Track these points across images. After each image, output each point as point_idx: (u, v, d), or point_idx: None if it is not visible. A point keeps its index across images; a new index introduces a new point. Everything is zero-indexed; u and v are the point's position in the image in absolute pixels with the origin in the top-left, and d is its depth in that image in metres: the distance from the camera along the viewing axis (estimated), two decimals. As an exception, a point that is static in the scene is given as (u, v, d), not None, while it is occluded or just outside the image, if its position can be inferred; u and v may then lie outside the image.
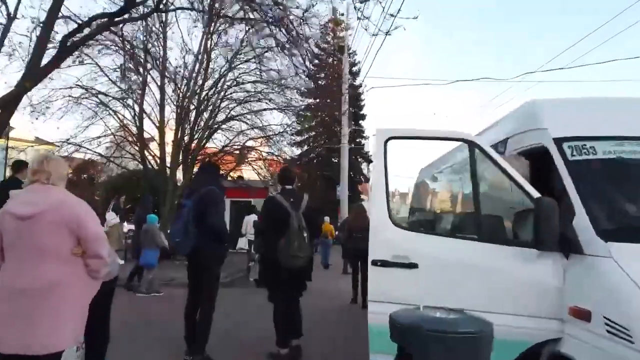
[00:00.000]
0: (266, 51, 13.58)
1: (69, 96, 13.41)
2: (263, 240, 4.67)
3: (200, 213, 4.18)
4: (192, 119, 14.45)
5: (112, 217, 10.81)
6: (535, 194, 2.56)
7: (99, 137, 14.34)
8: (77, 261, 2.64)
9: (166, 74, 13.40)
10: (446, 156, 4.01)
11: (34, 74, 7.25)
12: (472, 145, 2.71)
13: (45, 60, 7.65)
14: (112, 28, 8.73)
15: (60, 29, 8.29)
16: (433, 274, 2.66)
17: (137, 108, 14.55)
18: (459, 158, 3.20)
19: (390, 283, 2.72)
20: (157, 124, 13.73)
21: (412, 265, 2.67)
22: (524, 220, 2.57)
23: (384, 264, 2.71)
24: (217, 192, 4.37)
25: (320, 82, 31.21)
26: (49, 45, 7.85)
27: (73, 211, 2.56)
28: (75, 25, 7.82)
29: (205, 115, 14.34)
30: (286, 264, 4.15)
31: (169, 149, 13.96)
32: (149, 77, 14.67)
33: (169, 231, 4.26)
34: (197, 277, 4.36)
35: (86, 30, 7.88)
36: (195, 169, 15.54)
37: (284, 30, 8.80)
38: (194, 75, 13.91)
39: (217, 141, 16.33)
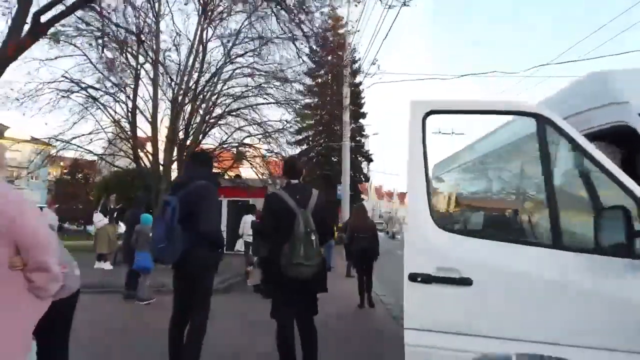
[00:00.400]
0: (265, 43, 12.92)
1: (57, 89, 12.68)
2: (264, 243, 3.86)
3: (188, 212, 3.49)
4: (187, 114, 13.76)
5: (99, 218, 10.06)
6: (637, 187, 1.89)
7: (90, 134, 13.61)
8: (15, 276, 1.97)
9: (159, 63, 12.65)
10: (500, 135, 3.16)
11: (4, 54, 6.54)
12: (543, 121, 2.03)
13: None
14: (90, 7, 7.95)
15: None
16: (493, 293, 1.99)
17: (129, 104, 13.86)
18: (521, 139, 2.50)
19: (434, 305, 2.04)
20: (150, 119, 13.03)
21: (464, 281, 1.99)
22: (617, 221, 1.89)
23: (426, 279, 2.03)
24: (210, 187, 3.68)
25: (319, 79, 30.80)
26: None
27: (3, 208, 1.88)
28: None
29: (202, 109, 13.63)
30: (288, 273, 3.42)
31: (163, 146, 13.25)
32: (142, 72, 14.02)
33: (150, 234, 3.55)
34: (185, 289, 3.66)
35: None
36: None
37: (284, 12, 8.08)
38: (188, 70, 13.20)
39: (214, 138, 15.64)
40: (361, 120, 34.00)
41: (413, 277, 2.06)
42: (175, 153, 13.21)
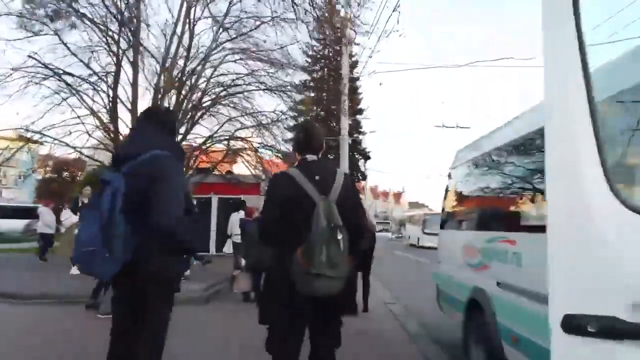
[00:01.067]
0: (259, 25, 11.77)
1: (27, 72, 11.35)
2: (266, 247, 2.62)
3: (138, 198, 2.29)
4: (173, 103, 12.54)
5: (66, 216, 8.76)
6: None
7: (64, 123, 12.29)
8: None
9: (140, 44, 11.41)
10: None
11: None
12: None
13: None
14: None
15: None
16: None
17: (111, 93, 12.59)
18: None
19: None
20: (130, 107, 11.77)
21: None
22: None
23: (607, 329, 0.88)
24: (172, 161, 2.45)
25: (315, 74, 29.73)
26: None
27: None
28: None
29: (188, 97, 12.42)
30: (304, 289, 2.30)
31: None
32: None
33: (75, 232, 2.33)
34: (127, 318, 2.42)
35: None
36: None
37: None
38: (172, 54, 11.99)
39: (205, 128, 14.47)
40: (358, 117, 32.90)
41: (574, 325, 0.90)
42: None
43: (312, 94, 29.27)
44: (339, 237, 2.30)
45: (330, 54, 29.57)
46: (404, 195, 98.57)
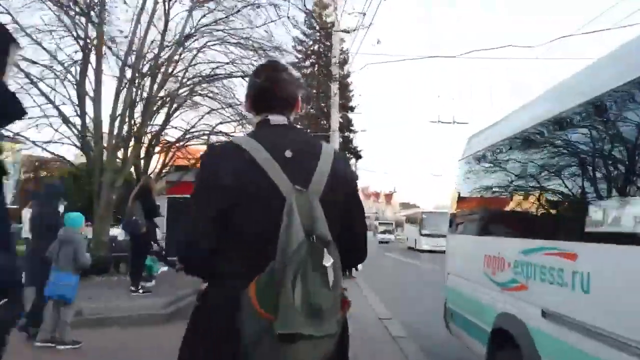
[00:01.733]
0: (242, 8, 10.71)
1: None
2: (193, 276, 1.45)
3: None
4: (147, 90, 11.39)
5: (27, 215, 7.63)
6: None
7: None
8: None
9: (102, 21, 10.22)
10: None
11: None
12: None
13: None
14: None
15: None
16: None
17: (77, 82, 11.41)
18: None
19: None
20: (93, 96, 10.57)
21: None
22: None
23: None
24: None
25: (305, 70, 28.81)
26: None
27: None
28: None
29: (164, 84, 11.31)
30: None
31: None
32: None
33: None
34: None
35: None
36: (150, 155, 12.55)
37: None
38: (141, 36, 10.85)
39: (183, 125, 13.42)
40: (349, 114, 31.93)
41: None
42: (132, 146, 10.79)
43: (302, 91, 28.38)
44: (327, 262, 1.20)
45: (321, 50, 28.66)
46: (395, 196, 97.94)
